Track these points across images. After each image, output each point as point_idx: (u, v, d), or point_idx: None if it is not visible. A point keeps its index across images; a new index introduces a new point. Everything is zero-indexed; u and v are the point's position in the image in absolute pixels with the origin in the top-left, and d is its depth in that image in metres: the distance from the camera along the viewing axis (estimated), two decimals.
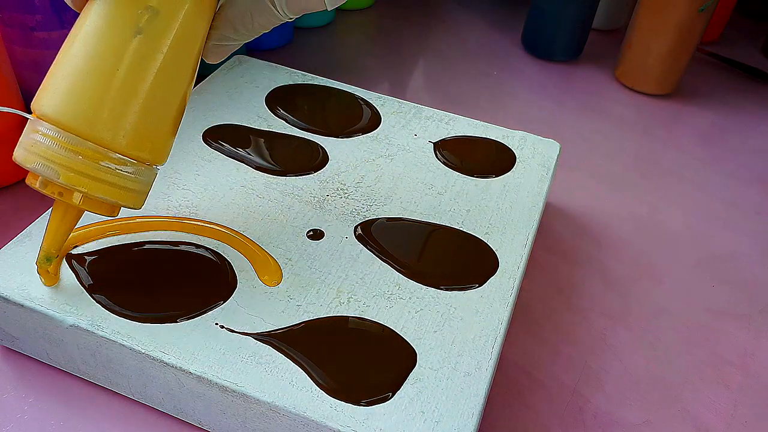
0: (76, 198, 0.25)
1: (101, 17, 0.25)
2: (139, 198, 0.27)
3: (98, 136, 0.24)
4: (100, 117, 0.24)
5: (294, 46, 0.59)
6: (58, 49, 0.38)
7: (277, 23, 0.28)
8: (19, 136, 0.25)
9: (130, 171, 0.26)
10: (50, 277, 0.29)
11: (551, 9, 0.58)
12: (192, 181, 0.35)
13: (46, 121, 0.24)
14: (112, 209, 0.27)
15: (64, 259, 0.30)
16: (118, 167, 0.25)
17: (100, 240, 0.31)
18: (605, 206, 0.46)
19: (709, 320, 0.38)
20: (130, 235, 0.32)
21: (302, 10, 0.28)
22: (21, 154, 0.25)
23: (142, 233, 0.32)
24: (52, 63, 0.26)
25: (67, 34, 0.38)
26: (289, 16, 0.28)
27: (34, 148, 0.24)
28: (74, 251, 0.31)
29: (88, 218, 0.32)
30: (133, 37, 0.24)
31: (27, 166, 0.25)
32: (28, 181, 0.26)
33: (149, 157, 0.26)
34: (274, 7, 0.27)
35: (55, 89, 0.24)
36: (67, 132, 0.24)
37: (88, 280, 0.29)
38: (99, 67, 0.24)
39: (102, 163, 0.25)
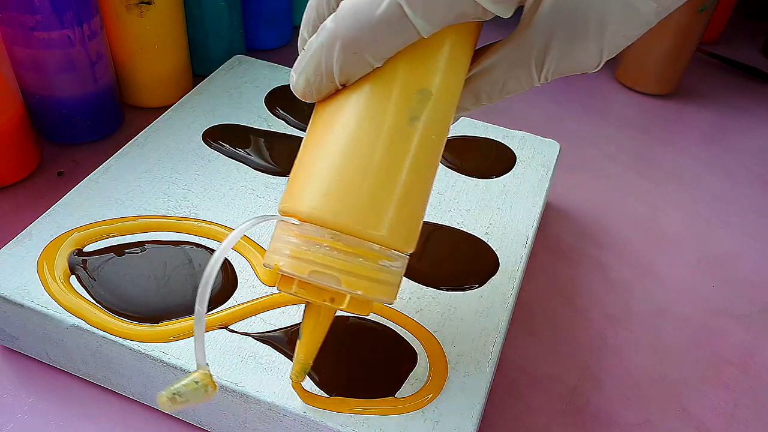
0: (342, 301, 0.23)
1: (365, 104, 0.22)
2: (395, 291, 0.24)
3: (378, 235, 0.22)
4: (383, 215, 0.22)
5: (294, 46, 0.59)
6: (58, 49, 0.39)
7: (526, 90, 0.24)
8: (20, 135, 0.25)
9: (398, 266, 0.23)
10: (305, 393, 0.26)
11: None
12: (192, 181, 0.35)
13: (314, 224, 0.22)
14: (369, 307, 0.24)
15: (66, 263, 0.30)
16: (392, 264, 0.23)
17: (100, 240, 0.31)
18: (605, 206, 0.46)
19: (709, 320, 0.38)
20: (130, 236, 0.32)
21: (570, 72, 0.23)
22: (288, 263, 0.22)
23: (143, 233, 0.32)
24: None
25: (66, 34, 0.38)
26: (547, 81, 0.24)
27: (306, 254, 0.22)
28: (74, 253, 0.31)
29: (89, 218, 0.32)
30: (408, 123, 0.22)
31: (299, 275, 0.22)
32: (282, 288, 0.23)
33: (411, 248, 0.23)
34: (539, 73, 0.23)
35: (324, 189, 0.22)
36: (345, 234, 0.22)
37: (89, 281, 0.29)
38: (374, 160, 0.22)
39: (380, 263, 0.22)
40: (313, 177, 0.22)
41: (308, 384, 0.27)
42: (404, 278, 0.31)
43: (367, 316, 0.26)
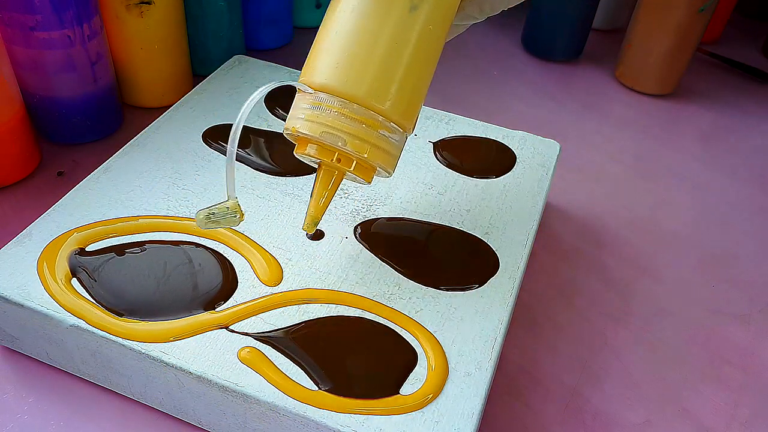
0: (349, 164, 0.27)
1: None
2: (395, 162, 0.28)
3: (378, 106, 0.26)
4: (382, 88, 0.26)
5: (294, 46, 0.59)
6: (58, 49, 0.39)
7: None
8: (20, 135, 0.25)
9: (396, 138, 0.27)
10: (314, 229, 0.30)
11: (551, 9, 0.58)
12: (192, 181, 0.35)
13: (326, 93, 0.26)
14: (372, 174, 0.28)
15: (66, 261, 0.30)
16: (390, 135, 0.27)
17: (100, 240, 0.31)
18: (605, 206, 0.46)
19: (709, 320, 0.38)
20: (130, 236, 0.32)
21: None
22: (303, 125, 0.26)
23: (143, 233, 0.32)
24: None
25: (66, 34, 0.38)
26: None
27: (319, 118, 0.26)
28: (75, 252, 0.31)
29: (89, 218, 0.32)
30: (409, 12, 0.26)
31: (312, 135, 0.26)
32: (299, 150, 0.27)
33: (408, 124, 0.27)
34: None
35: (334, 63, 0.26)
36: (352, 102, 0.26)
37: (89, 281, 0.29)
38: (380, 41, 0.26)
39: (380, 131, 0.26)
40: (326, 53, 0.26)
41: (309, 384, 0.27)
42: (404, 278, 0.32)
43: (369, 184, 0.29)
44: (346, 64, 0.26)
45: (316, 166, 0.29)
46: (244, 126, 0.40)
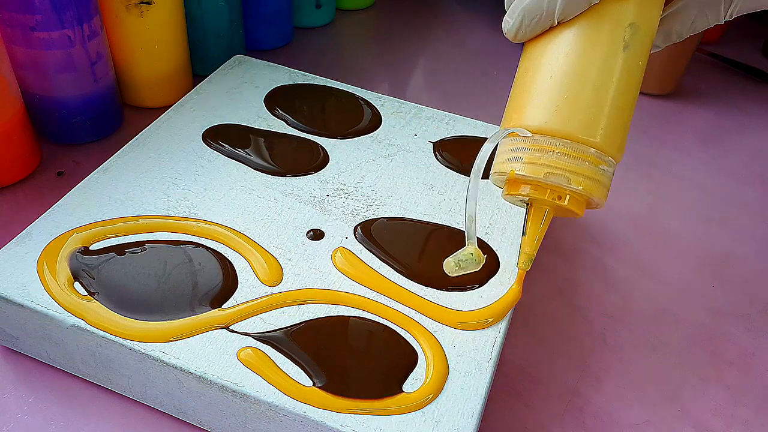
0: (563, 198, 0.28)
1: (585, 36, 0.27)
2: (607, 193, 0.29)
3: (597, 142, 0.27)
4: (599, 125, 0.27)
5: (294, 46, 0.59)
6: (58, 49, 0.39)
7: (711, 26, 0.29)
8: (20, 135, 0.25)
9: (610, 171, 0.28)
10: (520, 283, 0.31)
11: None
12: (192, 181, 0.35)
13: (544, 135, 0.27)
14: (584, 206, 0.29)
15: (66, 261, 0.30)
16: (608, 169, 0.28)
17: (100, 240, 0.31)
18: (605, 206, 0.45)
19: (709, 320, 0.38)
20: (130, 236, 0.32)
21: (755, 8, 0.28)
22: (524, 167, 0.27)
23: (143, 233, 0.32)
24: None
25: (66, 34, 0.38)
26: (731, 18, 0.29)
27: (540, 160, 0.27)
28: (75, 252, 0.31)
29: (89, 218, 0.32)
30: (623, 51, 0.27)
31: (535, 176, 0.27)
32: (510, 191, 0.28)
33: (620, 156, 0.28)
34: (726, 10, 0.28)
35: (550, 106, 0.27)
36: (572, 142, 0.27)
37: (89, 281, 0.29)
38: (597, 81, 0.27)
39: (600, 166, 0.27)
40: (539, 97, 0.27)
41: (309, 384, 0.27)
42: (404, 278, 0.32)
43: (581, 216, 0.29)
44: (564, 105, 0.27)
45: (524, 205, 0.30)
46: (244, 126, 0.40)
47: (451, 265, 0.28)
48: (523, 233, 0.30)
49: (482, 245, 0.34)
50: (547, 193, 0.28)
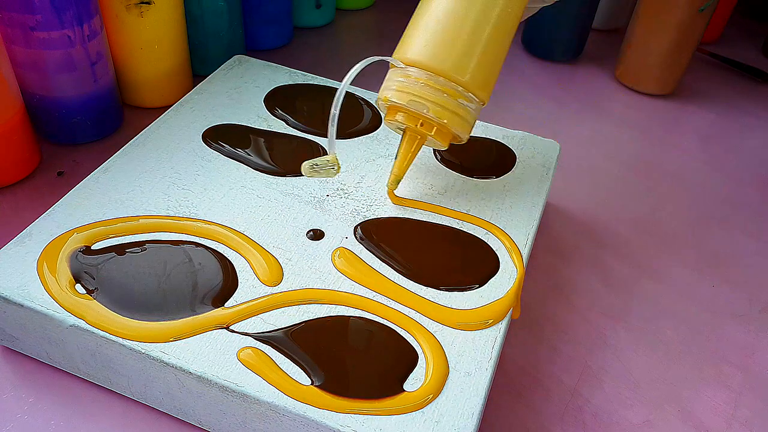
0: (430, 129, 0.32)
1: None
2: (469, 129, 0.33)
3: (459, 78, 0.31)
4: (462, 62, 0.31)
5: (294, 46, 0.59)
6: (58, 49, 0.39)
7: None
8: (20, 135, 0.25)
9: (473, 107, 0.32)
10: (396, 198, 0.35)
11: (551, 9, 0.58)
12: (192, 181, 0.35)
13: (415, 67, 0.31)
14: (449, 139, 0.33)
15: (66, 261, 0.30)
16: (468, 104, 0.32)
17: (100, 240, 0.31)
18: (605, 206, 0.46)
19: (709, 320, 0.38)
20: (130, 236, 0.32)
21: None
22: (393, 95, 0.32)
23: (143, 233, 0.32)
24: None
25: (66, 34, 0.38)
26: None
27: (406, 88, 0.31)
28: (75, 252, 0.31)
29: (89, 218, 0.32)
30: (501, 1, 0.31)
31: (400, 103, 0.31)
32: (388, 117, 0.33)
33: (484, 95, 0.32)
34: None
35: (422, 41, 0.31)
36: (435, 74, 0.31)
37: (89, 280, 0.29)
38: (466, 23, 0.31)
39: (459, 100, 0.31)
40: (417, 33, 0.32)
41: (308, 383, 0.27)
42: (404, 278, 0.32)
43: (445, 148, 0.34)
44: (435, 43, 0.31)
45: (401, 133, 0.34)
46: (244, 126, 0.40)
47: (306, 168, 0.31)
48: (396, 157, 0.34)
49: (482, 245, 0.34)
50: (415, 121, 0.32)
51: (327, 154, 0.32)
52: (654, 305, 0.39)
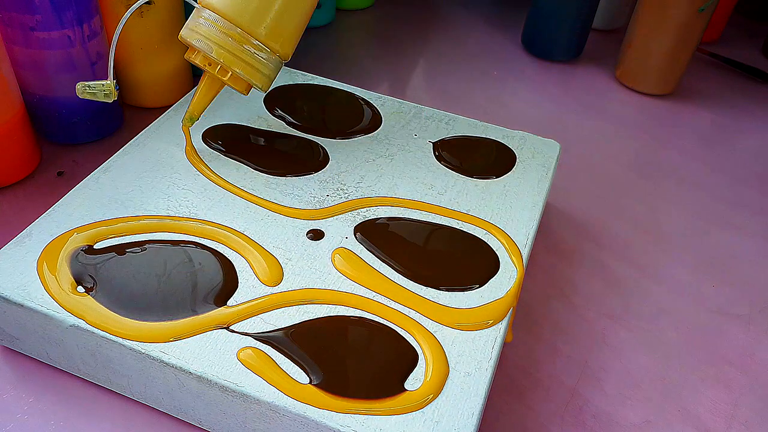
0: (224, 73, 0.34)
1: None
2: (266, 81, 0.35)
3: (246, 25, 0.33)
4: (249, 10, 0.32)
5: None
6: (58, 49, 0.39)
7: None
8: (20, 135, 0.25)
9: (263, 57, 0.34)
10: (188, 136, 0.37)
11: (551, 9, 0.58)
12: (192, 181, 0.35)
13: (208, 9, 0.33)
14: (247, 87, 0.35)
15: (66, 261, 0.30)
16: (255, 51, 0.33)
17: (101, 240, 0.31)
18: (605, 206, 0.46)
19: (709, 320, 0.38)
20: (130, 236, 0.32)
21: None
22: (185, 32, 0.33)
23: (143, 233, 0.32)
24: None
25: (66, 34, 0.38)
26: None
27: (198, 28, 0.33)
28: (75, 252, 0.31)
29: (89, 218, 0.32)
30: None
31: (189, 41, 0.33)
32: (188, 55, 0.34)
33: (280, 49, 0.34)
34: None
35: None
36: (224, 19, 0.32)
37: (89, 280, 0.29)
38: None
39: (244, 46, 0.33)
40: None
41: (307, 381, 0.27)
42: (405, 278, 0.32)
43: (246, 95, 0.36)
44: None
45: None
46: (244, 126, 0.40)
47: (79, 88, 0.33)
48: (192, 97, 0.36)
49: (482, 245, 0.34)
50: (205, 61, 0.33)
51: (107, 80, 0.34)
52: (654, 305, 0.39)
